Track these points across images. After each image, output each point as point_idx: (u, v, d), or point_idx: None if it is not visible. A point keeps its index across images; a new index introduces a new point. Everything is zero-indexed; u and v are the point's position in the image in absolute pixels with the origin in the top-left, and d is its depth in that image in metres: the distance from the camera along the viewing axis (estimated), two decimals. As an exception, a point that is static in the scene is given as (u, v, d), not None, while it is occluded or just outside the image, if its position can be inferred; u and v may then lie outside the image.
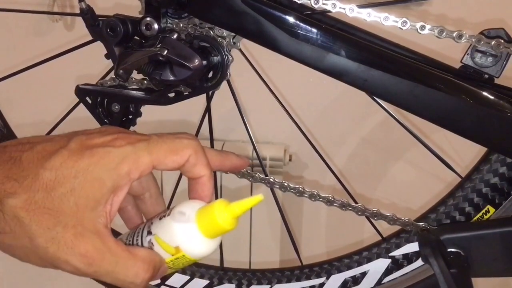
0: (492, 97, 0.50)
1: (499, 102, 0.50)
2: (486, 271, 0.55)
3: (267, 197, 0.40)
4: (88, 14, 0.53)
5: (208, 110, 0.64)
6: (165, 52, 0.51)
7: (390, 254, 0.65)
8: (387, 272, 0.65)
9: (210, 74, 0.57)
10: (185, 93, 0.58)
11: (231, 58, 0.56)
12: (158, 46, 0.51)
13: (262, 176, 0.62)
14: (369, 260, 0.66)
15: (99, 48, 0.55)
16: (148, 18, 0.54)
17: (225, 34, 0.54)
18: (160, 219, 0.42)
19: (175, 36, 0.53)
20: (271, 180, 0.62)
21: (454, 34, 0.51)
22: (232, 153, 0.48)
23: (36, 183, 0.37)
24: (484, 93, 0.50)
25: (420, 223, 0.61)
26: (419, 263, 0.63)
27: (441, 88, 0.50)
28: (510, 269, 0.55)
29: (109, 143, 0.39)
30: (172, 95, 0.58)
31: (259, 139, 1.14)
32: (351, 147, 1.14)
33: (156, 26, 0.54)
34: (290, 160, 1.10)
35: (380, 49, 0.53)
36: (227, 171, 0.51)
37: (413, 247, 0.63)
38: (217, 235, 0.40)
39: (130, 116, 0.59)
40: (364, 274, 0.66)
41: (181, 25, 0.55)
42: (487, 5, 1.00)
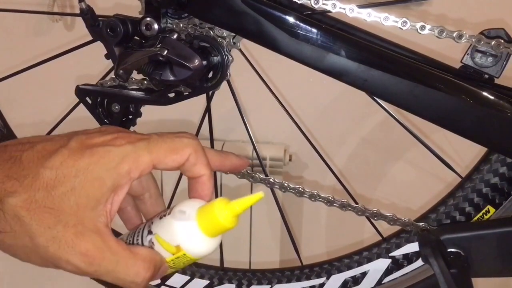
0: (492, 97, 0.50)
1: (499, 102, 0.50)
2: (486, 271, 0.55)
3: (267, 197, 0.40)
4: (88, 14, 0.53)
5: (208, 110, 0.64)
6: (165, 52, 0.51)
7: (390, 254, 0.65)
8: (387, 272, 0.65)
9: (210, 74, 0.57)
10: (185, 93, 0.58)
11: (231, 58, 0.56)
12: (158, 46, 0.51)
13: (262, 177, 0.62)
14: (369, 260, 0.66)
15: (99, 48, 0.55)
16: (148, 18, 0.54)
17: (225, 34, 0.54)
18: (160, 219, 0.41)
19: (175, 36, 0.53)
20: (271, 180, 0.62)
21: (454, 34, 0.51)
22: (232, 153, 0.48)
23: (36, 182, 0.37)
24: (484, 93, 0.50)
25: (420, 223, 0.61)
26: (419, 263, 0.63)
27: (441, 88, 0.50)
28: (510, 269, 0.55)
29: (109, 142, 0.39)
30: (172, 95, 0.58)
31: (259, 139, 1.14)
32: (351, 147, 1.14)
33: (156, 26, 0.54)
34: (290, 160, 1.10)
35: (380, 49, 0.53)
36: (226, 171, 0.51)
37: (413, 247, 0.63)
38: (218, 233, 0.40)
39: (130, 116, 0.59)
40: (364, 274, 0.66)
41: (181, 25, 0.55)
42: (487, 5, 1.00)
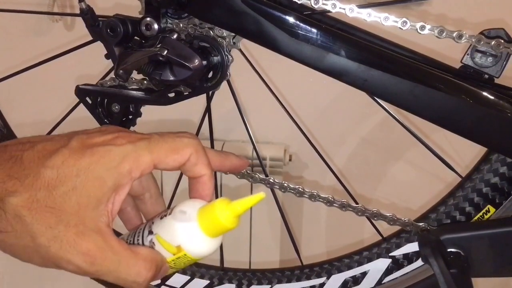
0: (492, 97, 0.50)
1: (499, 102, 0.50)
2: (486, 271, 0.55)
3: (267, 198, 0.40)
4: (88, 14, 0.53)
5: (208, 110, 0.64)
6: (165, 52, 0.51)
7: (391, 254, 0.65)
8: (388, 272, 0.65)
9: (210, 74, 0.57)
10: (185, 93, 0.58)
11: (231, 58, 0.56)
12: (158, 46, 0.51)
13: (262, 177, 0.62)
14: (370, 260, 0.66)
15: (99, 48, 0.55)
16: (148, 18, 0.54)
17: (225, 34, 0.54)
18: (161, 219, 0.41)
19: (175, 36, 0.53)
20: (271, 180, 0.62)
21: (454, 34, 0.51)
22: (232, 153, 0.48)
23: (37, 182, 0.37)
24: (484, 93, 0.50)
25: (420, 223, 0.61)
26: (419, 263, 0.63)
27: (441, 88, 0.50)
28: (510, 269, 0.55)
29: (110, 142, 0.39)
30: (172, 95, 0.58)
31: (259, 139, 1.14)
32: (351, 147, 1.14)
33: (156, 26, 0.54)
34: (290, 160, 1.10)
35: (380, 49, 0.53)
36: (226, 171, 0.51)
37: (413, 247, 0.63)
38: (219, 234, 0.40)
39: (130, 116, 0.59)
40: (364, 274, 0.66)
41: (181, 25, 0.54)
42: (487, 5, 1.00)
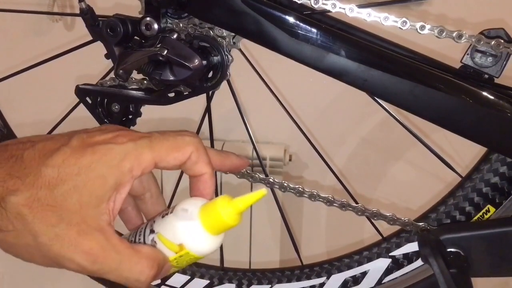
0: (492, 97, 0.50)
1: (499, 102, 0.50)
2: (486, 271, 0.55)
3: (267, 197, 0.40)
4: (88, 14, 0.53)
5: (208, 110, 0.64)
6: (165, 52, 0.51)
7: (391, 254, 0.65)
8: (388, 271, 0.65)
9: (210, 74, 0.57)
10: (185, 93, 0.58)
11: (231, 58, 0.56)
12: (158, 46, 0.51)
13: (262, 176, 0.62)
14: (370, 259, 0.66)
15: (99, 48, 0.55)
16: (148, 18, 0.54)
17: (225, 34, 0.54)
18: (162, 217, 0.41)
19: (175, 36, 0.53)
20: (271, 180, 0.62)
21: (454, 34, 0.51)
22: (232, 153, 0.48)
23: (38, 181, 0.37)
24: (484, 93, 0.50)
25: (420, 223, 0.61)
26: (419, 262, 0.63)
27: (441, 88, 0.50)
28: (510, 269, 0.55)
29: (111, 140, 0.39)
30: (172, 95, 0.58)
31: (259, 139, 1.14)
32: (351, 147, 1.14)
33: (156, 26, 0.54)
34: (290, 160, 1.10)
35: (380, 49, 0.53)
36: (227, 171, 0.51)
37: (413, 246, 0.63)
38: (221, 231, 0.40)
39: (130, 116, 0.59)
40: (364, 273, 0.66)
41: (181, 25, 0.54)
42: (487, 5, 1.00)
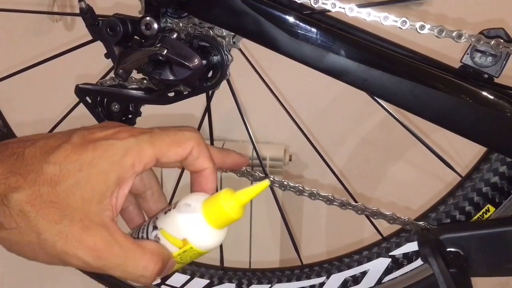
0: (492, 97, 0.50)
1: (499, 102, 0.50)
2: (486, 271, 0.55)
3: (267, 197, 0.40)
4: (88, 14, 0.53)
5: (208, 109, 0.64)
6: (165, 51, 0.51)
7: (390, 253, 0.65)
8: (387, 271, 0.65)
9: (210, 74, 0.57)
10: (184, 93, 0.58)
11: (230, 57, 0.56)
12: (158, 45, 0.51)
13: (261, 175, 0.62)
14: (369, 259, 0.66)
15: (99, 48, 0.55)
16: (147, 18, 0.54)
17: (224, 34, 0.54)
18: (165, 213, 0.41)
19: (174, 35, 0.54)
20: (271, 179, 0.62)
21: (454, 34, 0.51)
22: (233, 150, 0.48)
23: (40, 177, 0.36)
24: (484, 93, 0.50)
25: (420, 223, 0.61)
26: (419, 262, 0.63)
27: (441, 88, 0.50)
28: (509, 269, 0.55)
29: (112, 136, 0.39)
30: (171, 94, 0.58)
31: (259, 139, 1.14)
32: (351, 147, 1.14)
33: (155, 26, 0.54)
34: (290, 160, 1.10)
35: (380, 49, 0.53)
36: (228, 168, 0.51)
37: (413, 246, 0.63)
38: (225, 225, 0.40)
39: (130, 116, 0.59)
40: (364, 273, 0.66)
41: (181, 24, 0.55)
42: (486, 5, 1.00)
